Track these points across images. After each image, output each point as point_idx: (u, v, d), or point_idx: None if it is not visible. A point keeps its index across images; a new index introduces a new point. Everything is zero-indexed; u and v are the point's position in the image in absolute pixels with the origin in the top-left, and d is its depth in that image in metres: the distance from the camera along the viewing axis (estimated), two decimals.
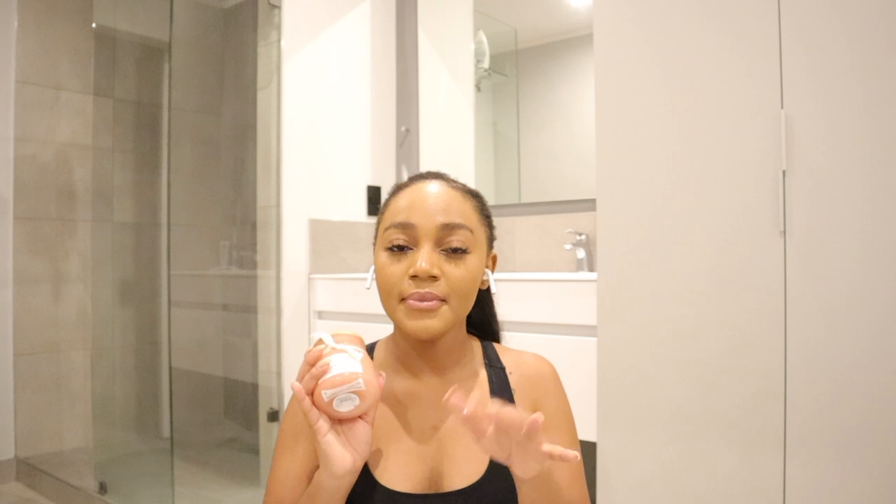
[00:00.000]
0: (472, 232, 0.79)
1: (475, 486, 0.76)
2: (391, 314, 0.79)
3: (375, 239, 0.82)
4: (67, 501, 2.42)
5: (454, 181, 0.84)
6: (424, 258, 0.75)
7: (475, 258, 0.79)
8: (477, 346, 0.88)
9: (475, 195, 0.84)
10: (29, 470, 2.64)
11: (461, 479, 0.77)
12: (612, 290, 1.45)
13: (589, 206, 1.97)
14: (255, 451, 2.34)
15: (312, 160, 2.26)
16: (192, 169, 2.86)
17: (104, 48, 2.67)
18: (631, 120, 1.43)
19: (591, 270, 1.94)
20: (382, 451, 0.79)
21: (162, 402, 2.82)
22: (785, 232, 1.24)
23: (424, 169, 1.17)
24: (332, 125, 2.33)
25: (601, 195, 1.47)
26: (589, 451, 1.45)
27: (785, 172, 1.24)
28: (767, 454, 1.25)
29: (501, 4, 2.31)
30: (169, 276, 2.46)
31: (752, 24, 1.28)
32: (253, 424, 2.35)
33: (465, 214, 0.79)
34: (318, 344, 0.73)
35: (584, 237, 1.97)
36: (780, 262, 1.24)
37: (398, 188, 0.83)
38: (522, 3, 2.27)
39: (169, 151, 2.56)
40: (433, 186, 0.80)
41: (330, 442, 0.70)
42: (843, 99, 1.18)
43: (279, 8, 2.20)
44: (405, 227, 0.77)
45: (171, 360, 2.32)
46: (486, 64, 2.32)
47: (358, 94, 2.42)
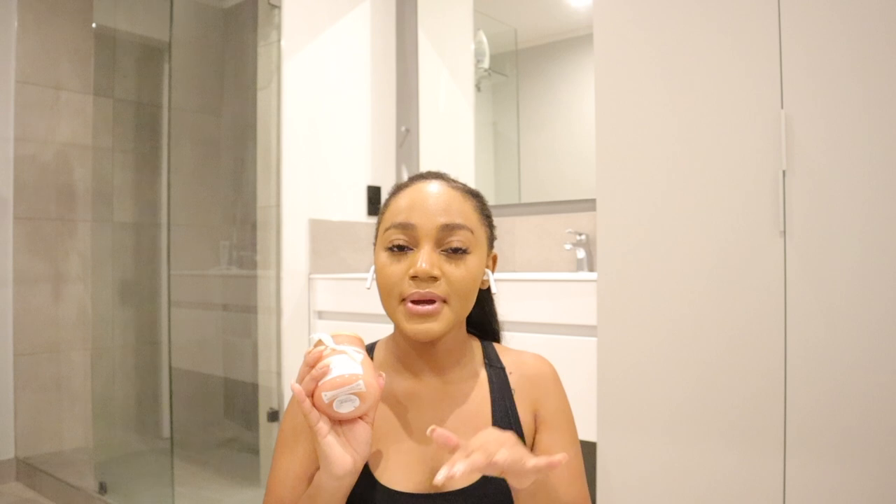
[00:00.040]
0: (472, 232, 0.79)
1: (476, 485, 0.76)
2: (391, 314, 0.79)
3: (376, 239, 0.82)
4: (67, 501, 2.42)
5: (454, 181, 0.84)
6: (425, 259, 0.75)
7: (475, 258, 0.79)
8: (477, 346, 0.88)
9: (475, 195, 0.84)
10: (29, 470, 2.64)
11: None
12: (612, 290, 1.45)
13: (589, 206, 1.97)
14: (255, 451, 2.34)
15: (312, 160, 2.26)
16: (192, 169, 2.86)
17: (104, 48, 2.67)
18: (631, 120, 1.43)
19: (591, 270, 1.94)
20: (383, 451, 0.79)
21: (162, 402, 2.82)
22: (785, 232, 1.24)
23: (424, 169, 1.17)
24: (332, 125, 2.33)
25: (601, 195, 1.47)
26: (589, 451, 1.45)
27: (785, 172, 1.24)
28: (767, 454, 1.25)
29: (501, 4, 2.31)
30: (169, 276, 2.45)
31: (752, 24, 1.28)
32: (253, 424, 2.35)
33: (465, 215, 0.79)
34: (317, 345, 0.72)
35: (584, 237, 1.97)
36: (780, 262, 1.24)
37: (398, 188, 0.83)
38: (522, 3, 2.27)
39: (169, 151, 2.56)
40: (433, 187, 0.80)
41: (330, 443, 0.70)
42: (843, 99, 1.18)
43: (279, 8, 2.20)
44: (405, 227, 0.77)
45: (171, 360, 2.32)
46: (486, 64, 2.32)
47: (358, 94, 2.42)
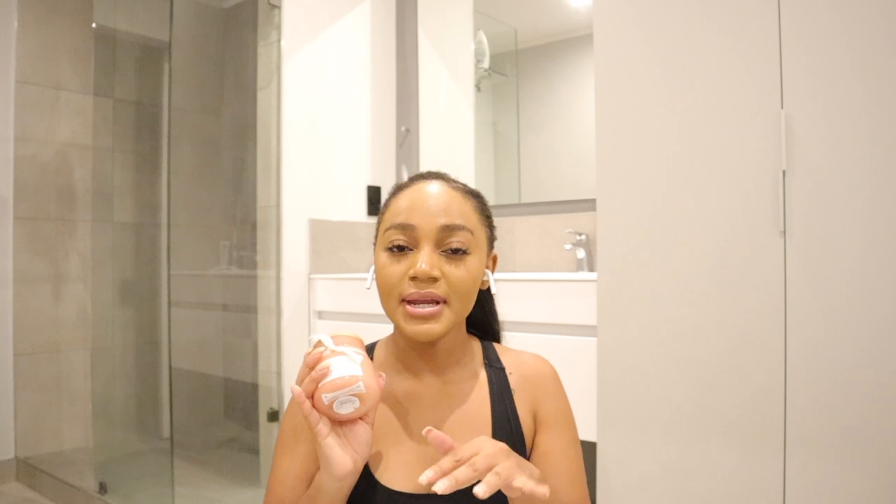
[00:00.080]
0: (472, 233, 0.79)
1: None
2: (391, 315, 0.79)
3: (376, 239, 0.82)
4: (67, 501, 2.42)
5: (454, 181, 0.84)
6: (425, 259, 0.75)
7: (475, 259, 0.79)
8: (477, 346, 0.88)
9: (476, 195, 0.84)
10: (29, 470, 2.64)
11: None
12: (612, 290, 1.45)
13: (589, 206, 1.97)
14: (255, 451, 2.34)
15: (312, 160, 2.26)
16: (192, 169, 2.86)
17: (104, 48, 2.67)
18: (631, 120, 1.43)
19: (591, 270, 1.94)
20: (383, 451, 0.79)
21: (162, 402, 2.82)
22: (785, 232, 1.24)
23: (424, 169, 1.17)
24: (332, 125, 2.32)
25: (601, 195, 1.47)
26: (589, 451, 1.45)
27: (785, 172, 1.24)
28: (767, 454, 1.25)
29: (501, 4, 2.31)
30: (169, 276, 2.45)
31: (752, 24, 1.28)
32: (253, 424, 2.35)
33: (465, 215, 0.79)
34: (317, 346, 0.72)
35: (584, 237, 1.97)
36: (780, 262, 1.24)
37: (398, 188, 0.83)
38: (522, 3, 2.27)
39: (169, 151, 2.56)
40: (434, 187, 0.80)
41: (330, 444, 0.70)
42: (843, 99, 1.18)
43: (279, 8, 2.20)
44: (405, 227, 0.77)
45: (171, 360, 2.32)
46: (486, 64, 2.32)
47: (358, 94, 2.42)
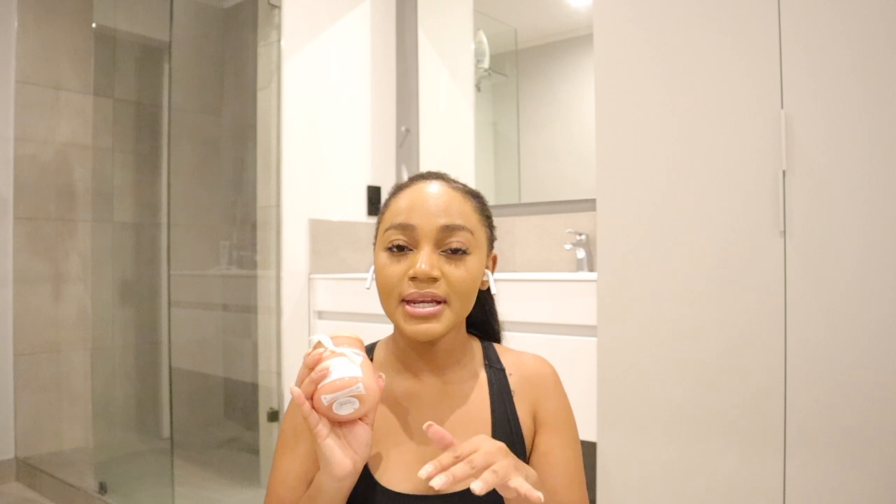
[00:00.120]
0: (472, 233, 0.79)
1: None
2: (391, 315, 0.79)
3: (375, 239, 0.82)
4: (67, 501, 2.42)
5: (454, 181, 0.84)
6: (424, 259, 0.75)
7: (475, 259, 0.79)
8: (477, 346, 0.88)
9: (476, 195, 0.84)
10: (29, 470, 2.64)
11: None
12: (612, 290, 1.45)
13: (589, 206, 1.97)
14: (255, 451, 2.34)
15: (312, 160, 2.26)
16: (192, 169, 2.86)
17: (104, 48, 2.67)
18: (631, 120, 1.43)
19: (591, 270, 1.94)
20: (382, 452, 0.79)
21: (162, 402, 2.82)
22: (785, 232, 1.24)
23: (424, 169, 1.17)
24: (332, 125, 2.32)
25: (601, 195, 1.47)
26: (589, 451, 1.45)
27: (785, 172, 1.24)
28: (767, 454, 1.25)
29: (501, 4, 2.31)
30: (169, 276, 2.45)
31: (752, 24, 1.28)
32: (253, 424, 2.35)
33: (465, 215, 0.79)
34: (317, 347, 0.72)
35: (584, 237, 1.97)
36: (780, 262, 1.24)
37: (398, 188, 0.83)
38: (522, 3, 2.27)
39: (169, 151, 2.56)
40: (433, 187, 0.80)
41: (330, 445, 0.70)
42: (843, 99, 1.18)
43: (279, 8, 2.20)
44: (405, 228, 0.77)
45: (171, 360, 2.32)
46: (486, 64, 2.32)
47: (358, 94, 2.42)
